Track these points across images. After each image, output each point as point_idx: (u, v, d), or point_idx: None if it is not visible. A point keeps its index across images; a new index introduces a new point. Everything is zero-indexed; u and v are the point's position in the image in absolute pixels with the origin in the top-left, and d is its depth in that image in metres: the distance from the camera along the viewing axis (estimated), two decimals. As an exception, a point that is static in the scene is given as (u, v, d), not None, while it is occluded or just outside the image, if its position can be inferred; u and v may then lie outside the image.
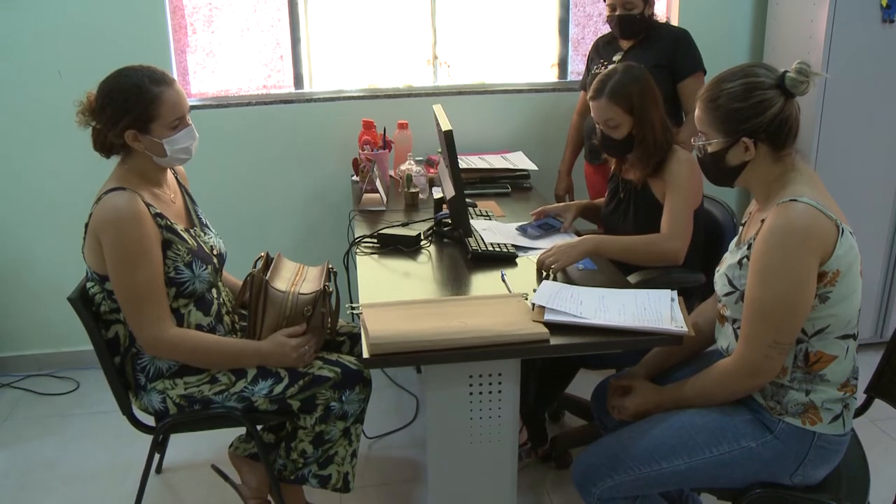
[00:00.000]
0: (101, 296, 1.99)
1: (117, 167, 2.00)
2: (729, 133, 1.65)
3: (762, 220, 1.64)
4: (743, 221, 1.86)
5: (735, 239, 1.84)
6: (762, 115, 1.62)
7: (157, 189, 2.02)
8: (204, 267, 2.02)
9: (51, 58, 3.12)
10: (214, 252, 2.12)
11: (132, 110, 1.89)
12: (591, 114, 2.37)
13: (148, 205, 1.92)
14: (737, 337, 1.72)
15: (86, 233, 1.95)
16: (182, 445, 2.78)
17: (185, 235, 2.01)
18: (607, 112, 2.30)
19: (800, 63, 1.61)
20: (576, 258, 2.17)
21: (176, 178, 2.18)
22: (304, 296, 2.05)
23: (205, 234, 2.14)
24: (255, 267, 2.09)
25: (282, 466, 2.16)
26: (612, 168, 2.55)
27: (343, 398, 2.05)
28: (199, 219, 2.18)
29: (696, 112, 1.72)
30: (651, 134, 2.31)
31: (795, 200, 1.58)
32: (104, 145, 1.98)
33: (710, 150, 1.70)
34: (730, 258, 1.76)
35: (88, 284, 2.02)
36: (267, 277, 2.04)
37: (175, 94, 1.94)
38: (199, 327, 2.05)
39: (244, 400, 2.01)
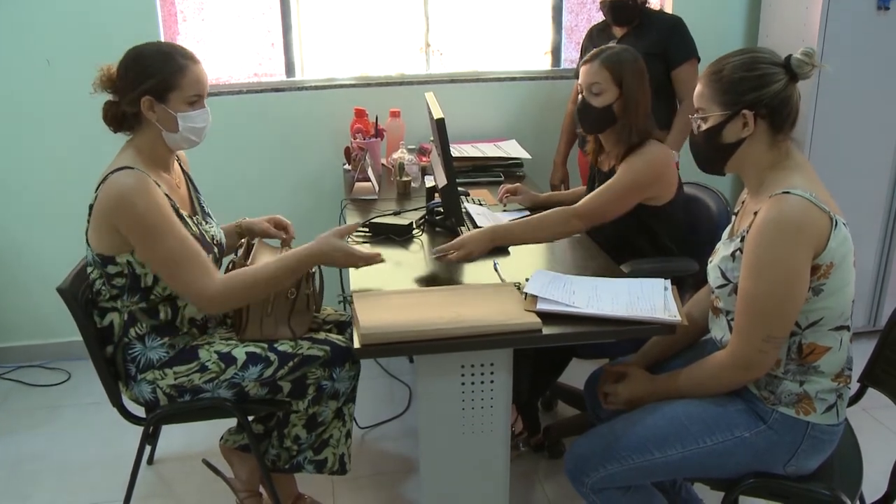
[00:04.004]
0: (101, 281, 1.96)
1: (125, 147, 1.97)
2: (729, 105, 1.64)
3: (755, 213, 1.63)
4: (735, 211, 1.85)
5: (728, 229, 1.83)
6: (765, 88, 1.61)
7: (164, 173, 2.00)
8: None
9: (39, 46, 3.08)
10: (215, 241, 2.10)
11: (155, 75, 1.87)
12: (579, 80, 2.32)
13: (156, 184, 1.90)
14: (731, 328, 1.71)
15: (90, 215, 1.92)
16: (175, 436, 2.77)
17: (189, 222, 1.99)
18: (595, 76, 2.25)
19: (806, 47, 1.61)
20: (484, 251, 2.10)
21: (180, 165, 2.15)
22: None
23: (206, 223, 2.12)
24: (235, 254, 2.07)
25: (275, 457, 2.16)
26: (589, 159, 2.52)
27: (334, 375, 2.05)
28: (202, 207, 2.16)
29: (698, 89, 1.70)
30: (634, 114, 2.25)
31: (789, 193, 1.57)
32: (115, 117, 1.94)
33: (705, 125, 1.68)
34: (723, 250, 1.75)
35: (88, 269, 1.99)
36: (248, 264, 2.02)
37: (200, 71, 1.93)
38: (192, 321, 2.04)
39: (234, 386, 2.00)
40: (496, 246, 2.12)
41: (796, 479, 1.72)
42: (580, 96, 2.33)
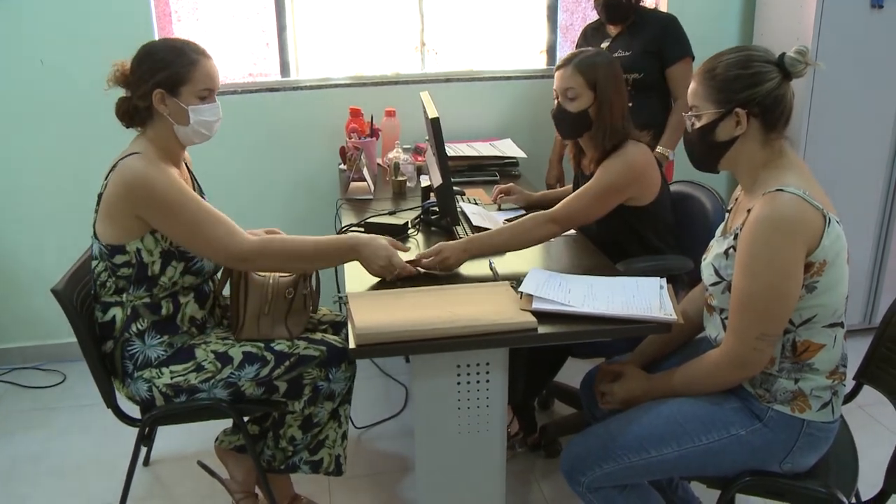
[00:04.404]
0: (106, 273, 1.96)
1: (135, 139, 1.98)
2: (723, 103, 1.64)
3: (748, 210, 1.63)
4: (728, 208, 1.85)
5: (721, 227, 1.83)
6: (759, 86, 1.61)
7: (173, 168, 1.99)
8: None
9: (33, 46, 3.07)
10: None
11: (168, 68, 1.89)
12: (554, 85, 2.32)
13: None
14: (725, 327, 1.71)
15: (98, 205, 1.92)
16: (171, 437, 2.76)
17: None
18: (570, 80, 2.25)
19: (800, 46, 1.61)
20: (463, 262, 2.09)
21: (187, 166, 2.15)
22: (285, 278, 2.07)
23: None
24: None
25: (270, 457, 2.15)
26: (571, 164, 2.52)
27: (330, 376, 2.05)
28: None
29: (692, 87, 1.70)
30: (608, 117, 2.24)
31: (782, 190, 1.57)
32: (126, 111, 1.95)
33: (699, 124, 1.69)
34: (716, 247, 1.75)
35: (93, 263, 1.99)
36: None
37: (211, 66, 1.96)
38: (192, 320, 2.04)
39: (231, 386, 2.00)
40: (472, 256, 2.10)
41: (792, 476, 1.72)
42: (555, 101, 2.32)
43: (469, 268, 2.13)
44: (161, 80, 1.89)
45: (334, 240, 2.01)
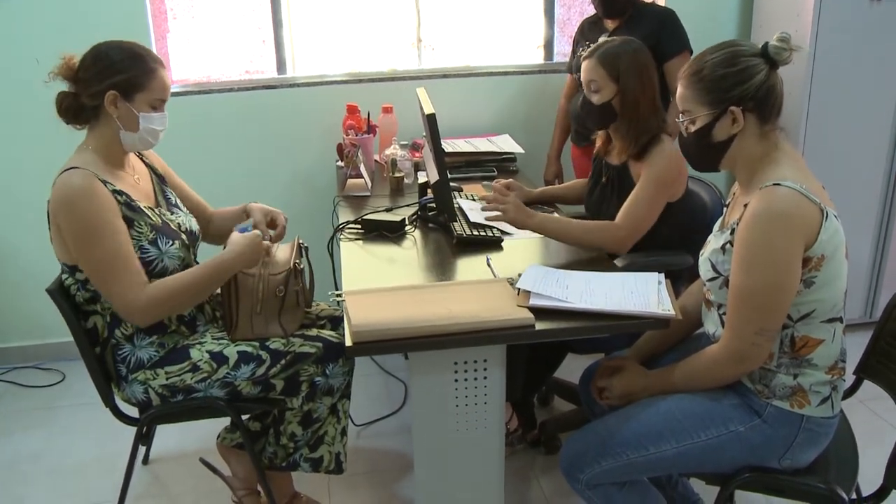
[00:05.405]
0: (75, 287, 1.96)
1: (77, 150, 1.97)
2: (715, 104, 1.63)
3: (745, 205, 1.62)
4: (726, 202, 1.84)
5: (719, 221, 1.82)
6: (749, 82, 1.60)
7: (118, 170, 1.98)
8: (171, 243, 1.98)
9: (28, 45, 3.06)
10: (182, 229, 2.08)
11: (127, 71, 1.88)
12: (581, 76, 2.31)
13: (105, 182, 1.88)
14: (723, 322, 1.70)
15: (49, 221, 1.92)
16: (170, 436, 2.76)
17: (148, 213, 1.97)
18: (592, 73, 2.24)
19: (781, 33, 1.60)
20: (521, 225, 2.15)
21: (142, 159, 2.14)
22: (275, 276, 2.06)
23: (172, 213, 2.10)
24: None
25: (272, 454, 2.15)
26: (596, 149, 2.49)
27: (327, 372, 2.05)
28: (167, 199, 2.14)
29: (679, 90, 1.69)
30: (634, 110, 2.22)
31: (779, 185, 1.56)
32: (70, 108, 1.94)
33: (694, 127, 1.67)
34: (713, 242, 1.74)
35: (63, 277, 1.98)
36: None
37: (167, 77, 1.96)
38: (179, 318, 2.04)
39: (227, 385, 1.99)
40: (532, 223, 2.14)
41: (792, 472, 1.71)
42: (582, 92, 2.31)
43: (466, 265, 2.12)
44: (118, 82, 1.88)
45: (211, 261, 1.96)
